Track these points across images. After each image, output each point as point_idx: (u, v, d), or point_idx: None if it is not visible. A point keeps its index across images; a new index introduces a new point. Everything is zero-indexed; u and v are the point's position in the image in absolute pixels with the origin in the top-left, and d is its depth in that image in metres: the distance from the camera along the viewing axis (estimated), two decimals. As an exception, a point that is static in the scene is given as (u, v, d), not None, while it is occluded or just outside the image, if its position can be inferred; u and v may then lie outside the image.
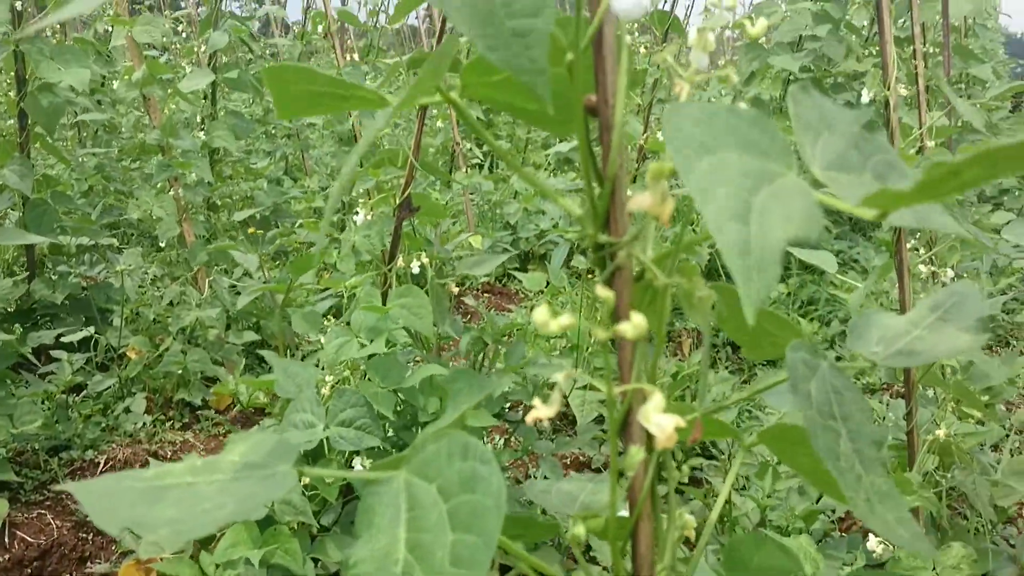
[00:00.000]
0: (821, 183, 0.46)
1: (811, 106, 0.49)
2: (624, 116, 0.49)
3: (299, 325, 1.85)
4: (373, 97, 0.56)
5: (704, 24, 0.59)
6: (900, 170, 0.50)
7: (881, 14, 1.50)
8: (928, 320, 0.60)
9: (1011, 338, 3.82)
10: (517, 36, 0.39)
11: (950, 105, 3.64)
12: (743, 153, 0.43)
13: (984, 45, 6.34)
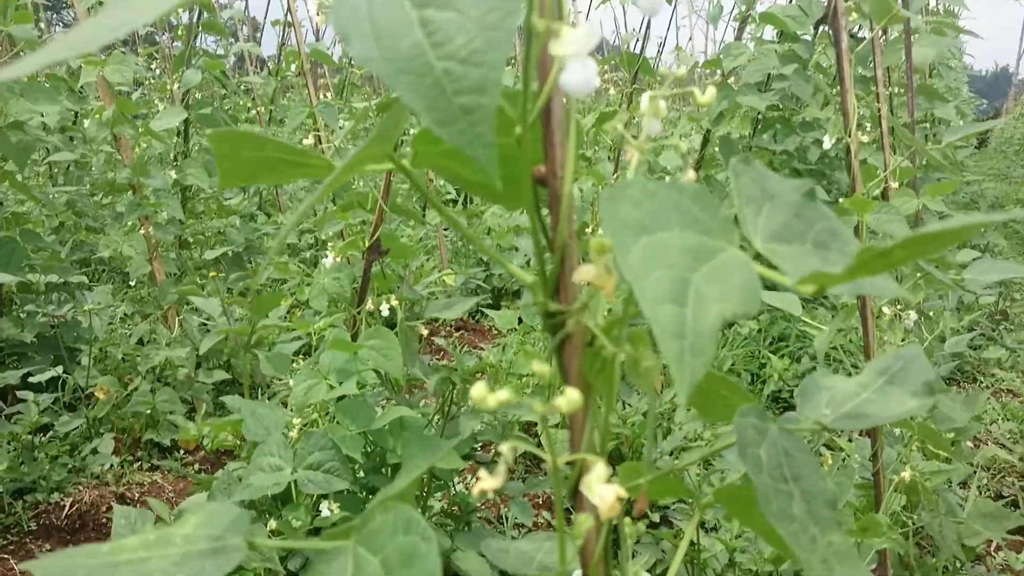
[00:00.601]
0: (763, 256, 0.47)
1: (752, 178, 0.50)
2: (572, 188, 0.50)
3: (267, 367, 1.84)
4: (323, 164, 0.56)
5: (654, 93, 0.60)
6: (842, 237, 0.51)
7: (841, 63, 1.53)
8: (876, 383, 0.61)
9: (978, 374, 3.86)
10: (465, 112, 0.40)
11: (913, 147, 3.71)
12: (684, 230, 0.44)
13: (948, 84, 6.47)
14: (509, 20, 0.40)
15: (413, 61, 0.40)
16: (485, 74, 0.39)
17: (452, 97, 0.40)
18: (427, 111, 0.40)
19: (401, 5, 0.41)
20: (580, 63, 0.41)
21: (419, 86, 0.40)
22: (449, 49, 0.40)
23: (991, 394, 3.65)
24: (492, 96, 0.39)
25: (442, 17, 0.40)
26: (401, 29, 0.41)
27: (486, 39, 0.39)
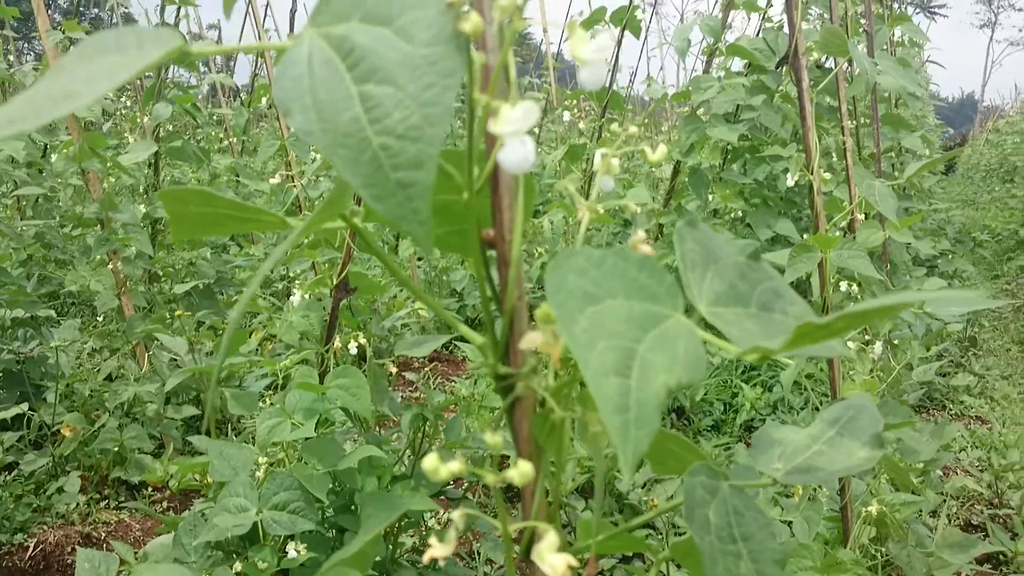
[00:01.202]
0: (708, 321, 0.47)
1: (698, 242, 0.50)
2: (520, 252, 0.50)
3: (234, 406, 1.82)
4: (274, 220, 0.56)
5: (607, 151, 0.61)
6: (785, 297, 0.52)
7: (802, 102, 1.55)
8: (827, 435, 0.61)
9: (947, 401, 3.89)
10: (401, 187, 0.40)
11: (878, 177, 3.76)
12: (630, 298, 0.44)
13: (915, 113, 6.58)
14: (447, 96, 0.40)
15: (352, 136, 0.40)
16: (422, 149, 0.40)
17: (389, 172, 0.40)
18: (364, 186, 0.40)
19: (342, 79, 0.42)
20: (518, 141, 0.41)
21: (357, 161, 0.40)
22: (387, 124, 0.40)
23: (960, 421, 3.68)
24: (428, 172, 0.39)
25: (381, 92, 0.41)
26: (341, 103, 0.41)
27: (423, 115, 0.40)
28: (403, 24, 0.41)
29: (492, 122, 0.42)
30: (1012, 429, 3.58)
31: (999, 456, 3.07)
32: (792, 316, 0.51)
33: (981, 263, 7.92)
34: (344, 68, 0.42)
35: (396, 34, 0.41)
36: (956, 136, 28.28)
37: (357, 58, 0.42)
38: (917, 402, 3.63)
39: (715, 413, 3.62)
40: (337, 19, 0.43)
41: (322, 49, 0.43)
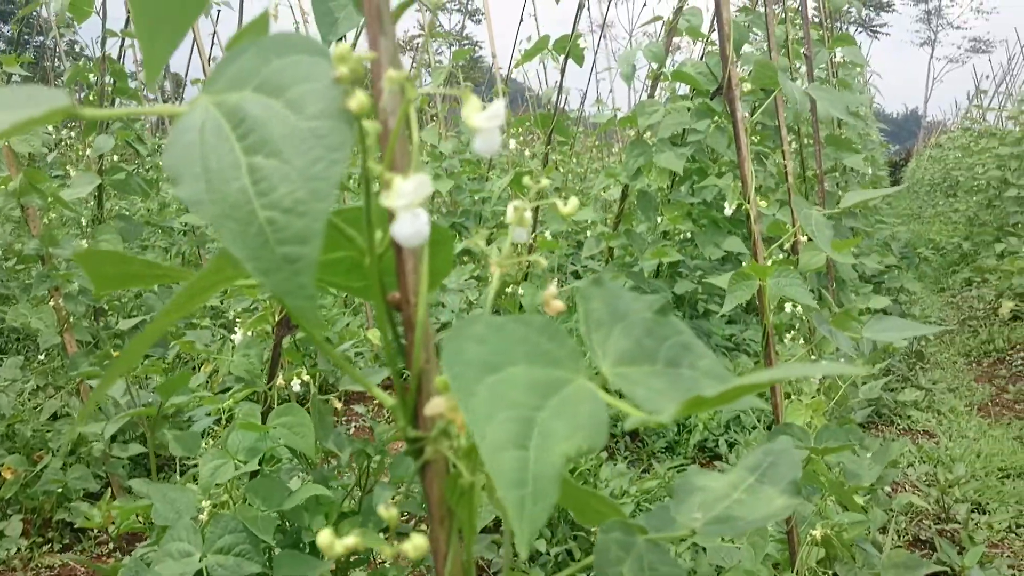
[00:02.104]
0: (612, 382, 0.47)
1: (603, 301, 0.50)
2: (426, 314, 0.50)
3: (175, 447, 1.79)
4: (184, 274, 0.56)
5: (518, 204, 0.61)
6: (694, 351, 0.52)
7: (737, 132, 1.58)
8: (747, 482, 0.61)
9: (895, 416, 3.95)
10: (287, 262, 0.39)
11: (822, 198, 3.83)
12: (531, 364, 0.44)
13: (859, 132, 6.72)
14: (334, 170, 0.39)
15: (239, 208, 0.40)
16: (308, 224, 0.39)
17: (275, 247, 0.39)
18: (249, 259, 0.39)
19: (232, 149, 0.41)
20: (411, 214, 0.41)
21: (243, 234, 0.40)
22: (273, 198, 0.40)
23: (908, 436, 3.74)
24: (314, 247, 0.39)
25: (269, 165, 0.40)
26: (230, 174, 0.41)
27: (310, 189, 0.39)
28: (293, 96, 0.41)
29: (384, 195, 0.41)
30: (958, 442, 3.65)
31: (945, 470, 3.12)
32: (700, 371, 0.51)
33: (927, 277, 8.09)
34: (235, 138, 0.41)
35: (286, 106, 0.41)
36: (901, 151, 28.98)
37: (248, 128, 0.41)
38: (865, 419, 3.68)
39: (669, 435, 3.63)
40: (231, 87, 0.43)
41: (215, 117, 0.42)
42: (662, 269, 4.44)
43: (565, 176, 7.18)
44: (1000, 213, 7.97)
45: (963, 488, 3.03)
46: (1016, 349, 5.53)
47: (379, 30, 0.48)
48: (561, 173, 7.04)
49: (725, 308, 1.62)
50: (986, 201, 8.58)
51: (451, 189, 5.46)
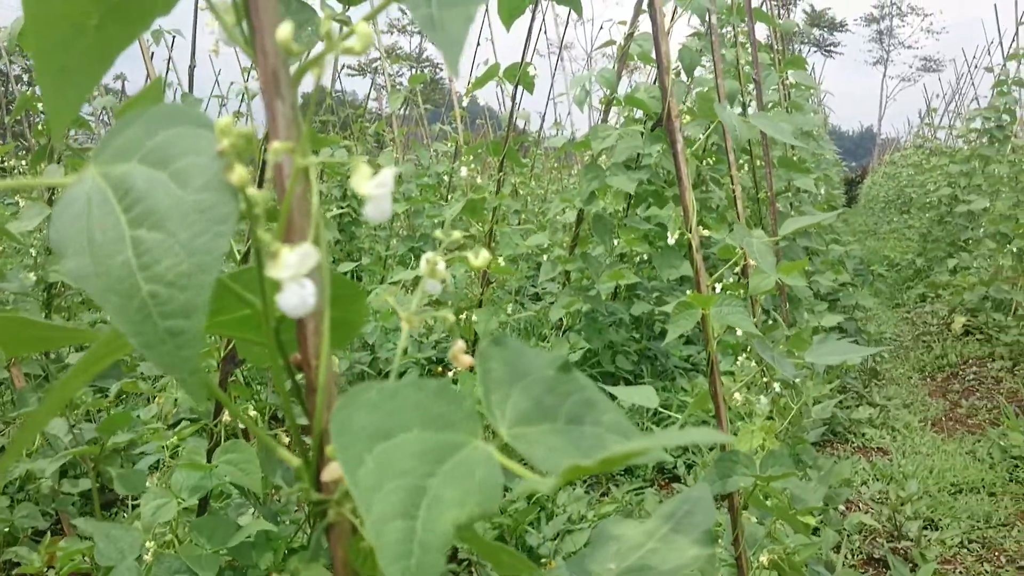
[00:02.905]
0: (509, 443, 0.47)
1: (503, 360, 0.51)
2: (327, 377, 0.50)
3: (120, 486, 1.76)
4: (89, 337, 0.55)
5: (431, 256, 0.61)
6: (598, 407, 0.52)
7: (678, 162, 1.60)
8: (661, 531, 0.62)
9: (850, 434, 4.00)
10: (170, 336, 0.39)
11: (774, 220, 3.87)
12: (425, 430, 0.44)
13: (813, 152, 6.83)
14: (218, 243, 0.39)
15: (123, 282, 0.40)
16: (191, 298, 0.39)
17: (158, 321, 0.39)
18: (133, 334, 0.39)
19: (117, 221, 0.41)
20: (296, 285, 0.41)
21: (126, 308, 0.39)
22: (157, 271, 0.39)
23: (862, 453, 3.78)
24: (198, 321, 0.39)
25: (152, 238, 0.40)
26: (115, 247, 0.40)
27: (194, 262, 0.39)
28: (179, 168, 0.41)
29: (270, 265, 0.41)
30: (911, 459, 3.70)
31: (898, 487, 3.16)
32: (604, 426, 0.51)
33: (882, 294, 8.22)
34: (120, 210, 0.41)
35: (171, 178, 0.41)
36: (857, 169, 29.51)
37: (133, 200, 0.41)
38: (819, 438, 3.72)
39: (627, 457, 3.64)
40: (118, 158, 0.43)
41: (101, 189, 0.42)
42: (619, 291, 4.47)
43: (525, 199, 7.21)
44: (952, 229, 8.13)
45: (915, 505, 3.07)
46: (968, 364, 5.63)
47: (275, 93, 0.48)
48: (521, 196, 7.07)
49: (668, 339, 1.63)
50: (938, 217, 8.74)
51: (410, 213, 5.45)
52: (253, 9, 0.48)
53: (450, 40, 0.44)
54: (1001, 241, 6.56)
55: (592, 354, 4.07)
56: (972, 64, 12.97)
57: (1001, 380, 5.13)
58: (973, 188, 7.72)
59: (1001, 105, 7.70)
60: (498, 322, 3.12)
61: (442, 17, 0.45)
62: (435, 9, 0.45)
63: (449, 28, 0.45)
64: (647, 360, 4.21)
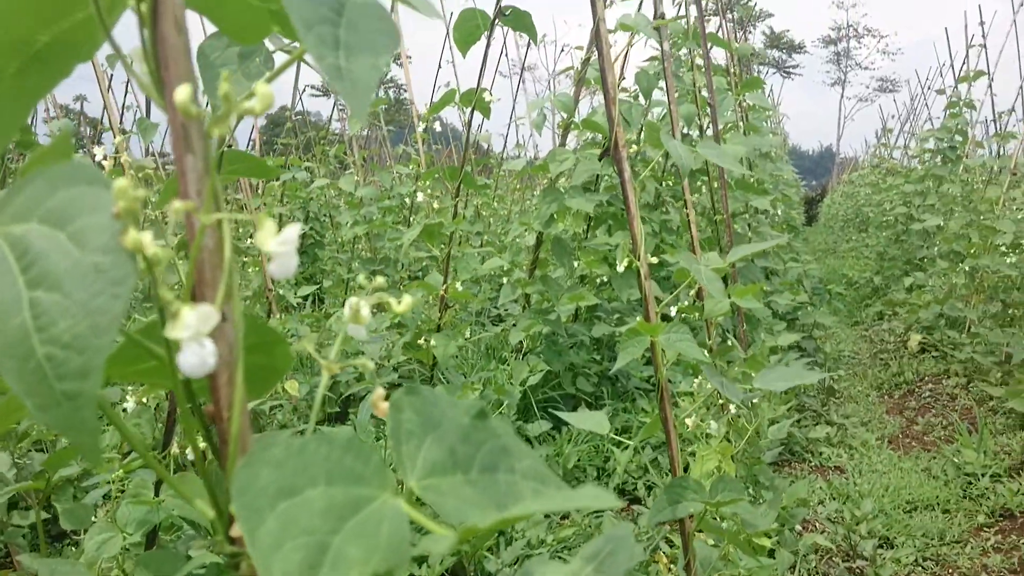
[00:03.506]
0: (420, 495, 0.47)
1: (415, 410, 0.51)
2: (240, 428, 0.50)
3: (65, 521, 1.73)
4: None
5: (353, 302, 0.61)
6: (513, 455, 0.53)
7: (625, 191, 1.61)
8: (585, 571, 0.62)
9: (807, 453, 4.03)
10: (67, 398, 0.39)
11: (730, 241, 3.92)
12: (332, 485, 0.44)
13: (771, 173, 6.93)
14: (116, 305, 0.39)
15: (19, 344, 0.40)
16: (88, 360, 0.39)
17: (54, 383, 0.39)
18: (27, 395, 0.39)
19: (15, 282, 0.41)
20: (196, 344, 0.41)
21: (22, 370, 0.39)
22: (53, 333, 0.39)
23: (819, 472, 3.82)
24: (95, 383, 0.39)
25: (49, 299, 0.40)
26: (11, 308, 0.40)
27: (90, 324, 0.39)
28: (77, 229, 0.41)
29: (170, 326, 0.41)
30: (868, 477, 3.74)
31: (853, 506, 3.20)
32: (519, 473, 0.52)
33: (841, 312, 8.33)
34: (18, 271, 0.41)
35: (69, 239, 0.41)
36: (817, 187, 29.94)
37: (31, 261, 0.41)
38: (776, 458, 3.75)
39: (588, 480, 3.64)
40: (18, 218, 0.43)
41: (0, 249, 0.42)
42: (580, 313, 4.48)
43: (487, 221, 7.23)
44: (907, 248, 8.28)
45: (870, 523, 3.11)
46: (924, 381, 5.72)
47: (185, 148, 0.48)
48: (483, 218, 7.09)
49: (617, 366, 1.64)
50: (894, 236, 8.90)
51: (371, 236, 5.44)
52: (163, 62, 0.48)
53: (357, 90, 0.45)
54: (954, 260, 6.69)
55: (553, 376, 4.08)
56: (926, 85, 13.26)
57: (956, 397, 5.21)
58: (927, 207, 7.87)
59: (953, 126, 7.87)
60: (457, 346, 3.12)
61: (350, 67, 0.46)
62: (343, 60, 0.46)
63: (357, 78, 0.45)
64: (608, 381, 4.23)
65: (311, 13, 0.45)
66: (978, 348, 5.56)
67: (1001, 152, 8.57)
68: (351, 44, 0.47)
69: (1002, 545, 3.09)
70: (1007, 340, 5.21)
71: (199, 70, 0.86)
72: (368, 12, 0.49)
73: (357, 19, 0.48)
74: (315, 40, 0.44)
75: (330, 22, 0.46)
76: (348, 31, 0.47)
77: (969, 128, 8.06)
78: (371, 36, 0.48)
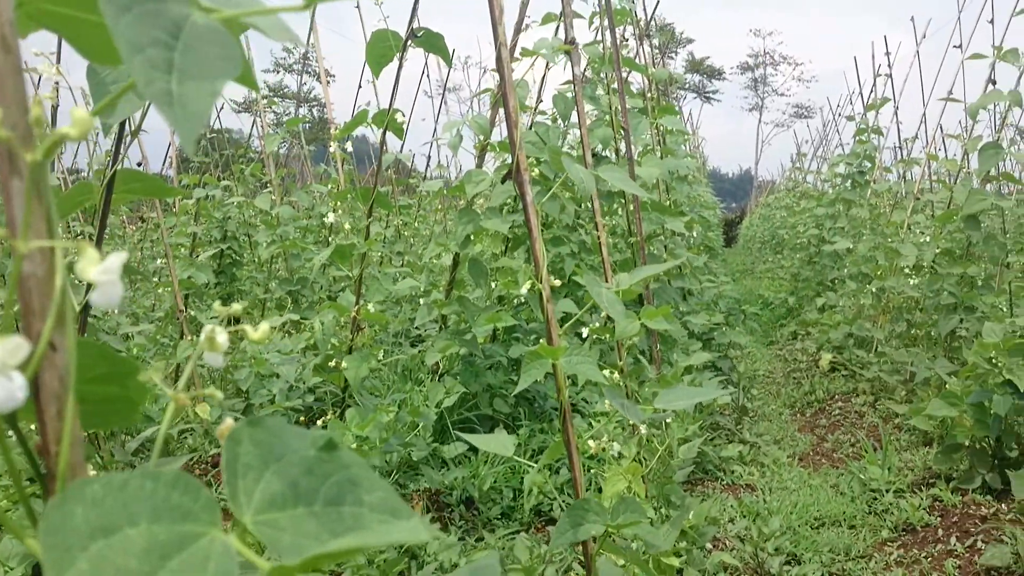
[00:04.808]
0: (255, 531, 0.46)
1: (255, 443, 0.49)
2: (71, 465, 0.48)
3: (-56, 556, 1.64)
4: None
5: (208, 330, 0.60)
6: (362, 486, 0.52)
7: (527, 214, 1.62)
8: (446, 602, 0.61)
9: (719, 471, 4.10)
10: None
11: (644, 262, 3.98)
12: (156, 523, 0.42)
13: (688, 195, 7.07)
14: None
15: None
16: None
17: None
18: None
19: None
20: (3, 379, 0.40)
21: None
22: None
23: (730, 491, 3.88)
24: None
25: None
26: None
27: None
28: None
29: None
30: (778, 494, 3.82)
31: (762, 523, 3.25)
32: (367, 506, 0.51)
33: (756, 332, 8.52)
34: None
35: None
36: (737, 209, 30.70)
37: None
38: (689, 477, 3.80)
39: (504, 501, 3.63)
40: None
41: None
42: (498, 334, 4.49)
43: (408, 240, 7.20)
44: (820, 269, 8.52)
45: (777, 540, 3.16)
46: (835, 399, 5.88)
47: (11, 170, 0.46)
48: (404, 237, 7.05)
49: (518, 388, 1.64)
50: (808, 258, 9.15)
51: (287, 256, 5.36)
52: (-10, 83, 0.46)
53: (187, 116, 0.44)
54: (863, 281, 6.91)
55: (470, 397, 4.07)
56: (837, 112, 13.72)
57: (864, 414, 5.37)
58: (838, 230, 8.12)
59: (862, 152, 8.15)
60: (369, 368, 3.08)
61: (183, 92, 0.44)
62: (175, 84, 0.44)
63: (189, 104, 0.44)
64: (526, 402, 4.23)
65: (141, 36, 0.44)
66: (884, 367, 5.74)
67: (907, 177, 8.91)
68: (186, 68, 0.45)
69: (904, 559, 3.18)
70: (911, 359, 5.40)
71: (89, 88, 0.84)
72: (208, 36, 0.48)
73: (195, 42, 0.47)
74: (142, 64, 0.43)
75: (163, 45, 0.45)
76: (184, 55, 0.46)
77: (877, 154, 8.36)
78: (210, 60, 0.47)
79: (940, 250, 5.18)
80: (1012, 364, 3.46)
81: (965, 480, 3.71)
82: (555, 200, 4.06)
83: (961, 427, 3.74)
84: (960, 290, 4.93)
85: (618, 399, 1.67)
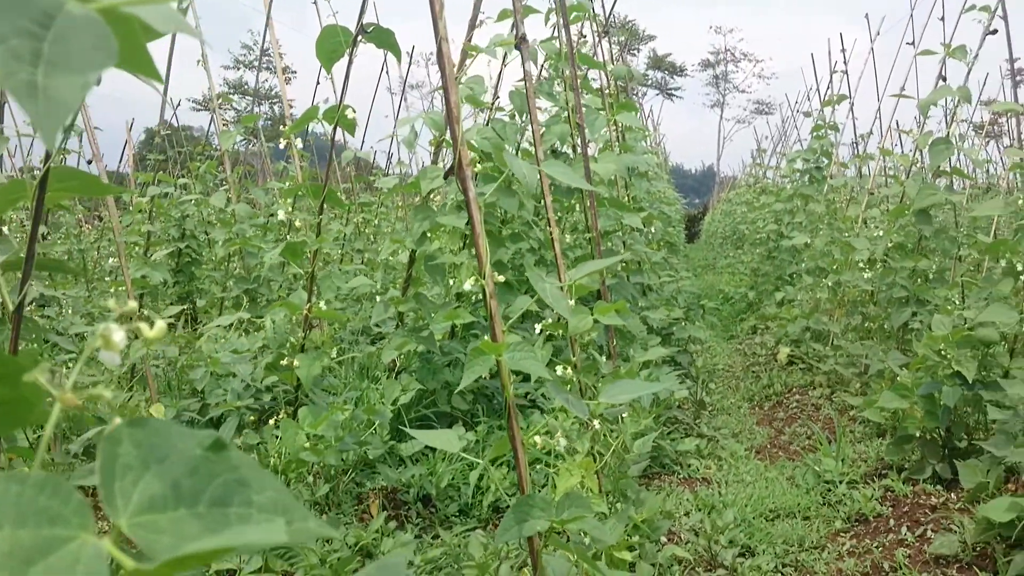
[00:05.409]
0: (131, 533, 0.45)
1: (136, 442, 0.48)
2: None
3: None
4: None
5: (103, 329, 0.58)
6: (251, 487, 0.51)
7: (470, 210, 1.62)
8: (351, 602, 0.60)
9: (676, 465, 4.12)
10: None
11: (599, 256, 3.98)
12: (20, 527, 0.41)
13: (650, 190, 7.10)
14: None
15: None
16: None
17: None
18: None
19: None
20: None
21: None
22: None
23: (687, 484, 3.91)
24: None
25: None
26: None
27: None
28: None
29: None
30: (733, 487, 3.85)
31: (716, 516, 3.28)
32: (256, 506, 0.50)
33: (717, 327, 8.59)
34: None
35: None
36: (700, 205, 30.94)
37: None
38: (644, 471, 3.82)
39: (462, 498, 3.62)
40: None
41: None
42: (457, 331, 4.47)
43: (368, 237, 7.16)
44: (778, 264, 8.61)
45: (731, 533, 3.19)
46: (792, 392, 5.95)
47: None
48: (363, 234, 7.01)
49: (463, 383, 1.64)
50: (767, 253, 9.24)
51: (243, 254, 5.31)
52: None
53: (51, 110, 0.43)
54: (819, 275, 6.99)
55: (428, 394, 4.05)
56: (795, 108, 13.87)
57: (820, 407, 5.43)
58: (795, 225, 8.21)
59: (819, 147, 8.24)
60: (322, 366, 3.06)
61: (49, 84, 0.43)
62: (41, 76, 0.43)
63: (54, 96, 0.43)
64: (484, 398, 4.23)
65: (3, 25, 0.43)
66: (840, 360, 5.81)
67: (863, 172, 9.03)
68: (56, 59, 0.44)
69: (856, 549, 3.22)
70: (866, 352, 5.47)
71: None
72: (83, 27, 0.47)
73: (68, 33, 0.46)
74: (4, 55, 0.42)
75: (30, 35, 0.44)
76: (54, 45, 0.45)
77: (833, 149, 8.46)
78: (82, 51, 0.45)
79: (892, 244, 5.26)
80: (960, 356, 3.52)
81: (916, 471, 3.76)
82: (513, 196, 4.05)
83: (912, 418, 3.80)
84: (912, 283, 5.00)
85: (563, 394, 1.67)
